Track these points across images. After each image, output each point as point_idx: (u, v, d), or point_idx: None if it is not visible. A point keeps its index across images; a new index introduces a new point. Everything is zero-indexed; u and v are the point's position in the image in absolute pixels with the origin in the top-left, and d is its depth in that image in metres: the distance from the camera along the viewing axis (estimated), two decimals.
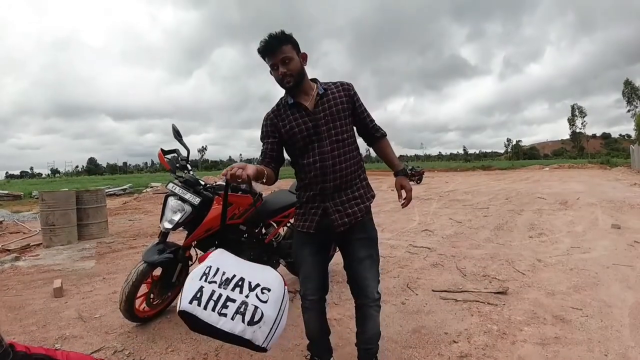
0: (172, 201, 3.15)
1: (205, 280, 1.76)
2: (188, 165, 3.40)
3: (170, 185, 3.23)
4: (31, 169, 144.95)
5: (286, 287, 1.90)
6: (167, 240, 3.28)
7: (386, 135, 2.40)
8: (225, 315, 1.67)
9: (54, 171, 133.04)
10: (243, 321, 1.67)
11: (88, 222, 7.47)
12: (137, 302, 3.15)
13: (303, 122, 2.10)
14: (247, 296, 1.73)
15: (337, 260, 3.93)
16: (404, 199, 2.35)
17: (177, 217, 3.07)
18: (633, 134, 40.75)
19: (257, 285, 1.78)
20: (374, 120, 2.34)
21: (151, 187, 25.10)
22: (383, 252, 5.26)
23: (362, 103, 2.27)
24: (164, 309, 3.42)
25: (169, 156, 3.43)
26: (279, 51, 2.00)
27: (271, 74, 2.09)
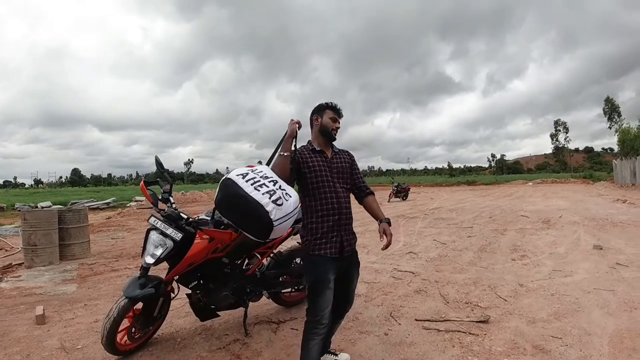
0: (153, 235, 3.13)
1: (251, 171, 2.51)
2: (170, 198, 3.39)
3: (152, 219, 3.22)
4: (15, 178, 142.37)
5: (299, 203, 2.53)
6: (149, 273, 3.26)
7: (373, 193, 2.97)
8: (258, 190, 2.37)
9: (37, 182, 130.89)
10: (269, 198, 2.34)
11: (70, 242, 7.39)
12: (119, 335, 3.13)
13: (324, 165, 2.70)
14: (277, 189, 2.42)
15: None
16: (385, 243, 2.76)
17: (159, 252, 3.06)
18: (616, 147, 41.74)
19: (285, 189, 2.46)
20: (365, 181, 2.96)
21: (135, 201, 24.93)
22: (368, 278, 5.31)
23: (358, 168, 2.97)
24: (145, 342, 3.39)
25: (151, 187, 3.43)
26: (341, 116, 2.82)
27: (322, 120, 2.76)
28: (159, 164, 3.37)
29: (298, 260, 4.25)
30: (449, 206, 16.63)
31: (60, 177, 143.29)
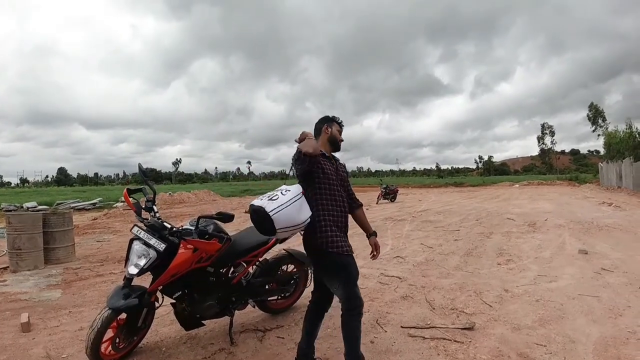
0: (136, 245, 3.11)
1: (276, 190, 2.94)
2: (154, 207, 3.37)
3: (135, 229, 3.19)
4: (0, 177, 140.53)
5: (303, 192, 2.88)
6: (132, 283, 3.23)
7: (362, 205, 3.31)
8: (263, 199, 2.85)
9: (23, 181, 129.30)
10: (267, 200, 2.81)
11: (55, 245, 7.30)
12: (104, 345, 3.10)
13: (333, 171, 3.02)
14: (279, 193, 2.84)
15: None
16: (373, 253, 3.23)
17: (142, 262, 3.04)
18: (602, 150, 42.50)
19: (288, 189, 2.88)
20: (354, 193, 3.26)
21: (122, 202, 24.70)
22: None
23: (349, 180, 3.28)
24: (130, 352, 3.36)
25: (134, 195, 3.40)
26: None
27: (332, 131, 3.08)
28: (142, 172, 3.35)
29: (285, 267, 4.25)
30: (436, 208, 16.71)
31: (47, 176, 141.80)
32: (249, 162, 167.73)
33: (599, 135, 49.54)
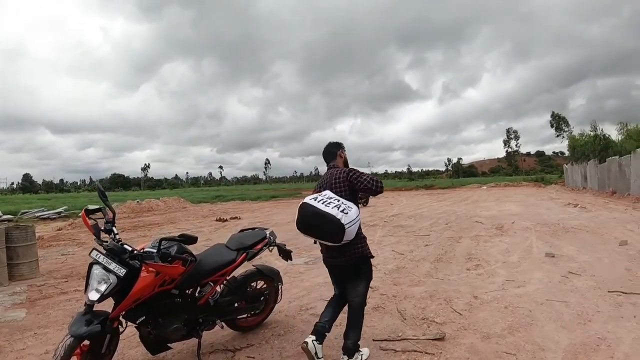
0: (96, 270, 2.97)
1: (319, 195, 3.33)
2: (114, 229, 3.22)
3: (94, 252, 3.04)
4: None
5: (359, 214, 3.30)
6: (95, 309, 3.09)
7: None
8: (327, 206, 3.14)
9: None
10: (338, 210, 3.10)
11: (18, 261, 7.03)
12: None
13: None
14: (340, 204, 3.17)
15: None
16: None
17: (102, 288, 2.91)
18: (566, 151, 44.34)
19: (346, 204, 3.20)
20: None
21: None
22: (327, 295, 5.22)
23: None
24: None
25: (92, 216, 3.26)
26: None
27: (345, 156, 3.75)
28: (100, 191, 3.22)
29: (254, 284, 4.16)
30: (407, 212, 16.86)
31: (12, 183, 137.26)
32: (220, 167, 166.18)
33: (563, 137, 52.06)
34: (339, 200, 3.21)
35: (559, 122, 56.96)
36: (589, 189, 27.68)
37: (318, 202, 3.20)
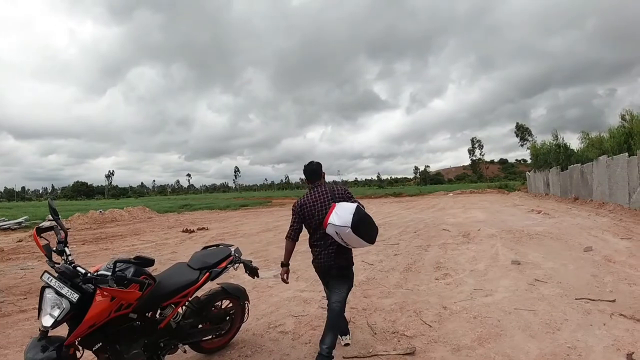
0: (49, 294, 2.78)
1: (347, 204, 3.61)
2: (66, 249, 3.04)
3: (46, 276, 2.85)
4: None
5: (359, 206, 3.55)
6: (51, 334, 2.91)
7: None
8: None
9: None
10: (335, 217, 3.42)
11: None
12: None
13: None
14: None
15: None
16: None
17: (56, 313, 2.74)
18: (529, 159, 45.96)
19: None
20: None
21: (49, 220, 23.18)
22: (295, 310, 5.17)
23: None
24: None
25: (44, 235, 3.08)
26: None
27: (324, 176, 4.05)
28: (52, 209, 3.05)
29: (219, 304, 4.02)
30: (377, 221, 16.75)
31: None
32: (189, 175, 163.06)
33: (526, 146, 54.44)
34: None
35: (523, 133, 59.78)
36: (552, 195, 28.41)
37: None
